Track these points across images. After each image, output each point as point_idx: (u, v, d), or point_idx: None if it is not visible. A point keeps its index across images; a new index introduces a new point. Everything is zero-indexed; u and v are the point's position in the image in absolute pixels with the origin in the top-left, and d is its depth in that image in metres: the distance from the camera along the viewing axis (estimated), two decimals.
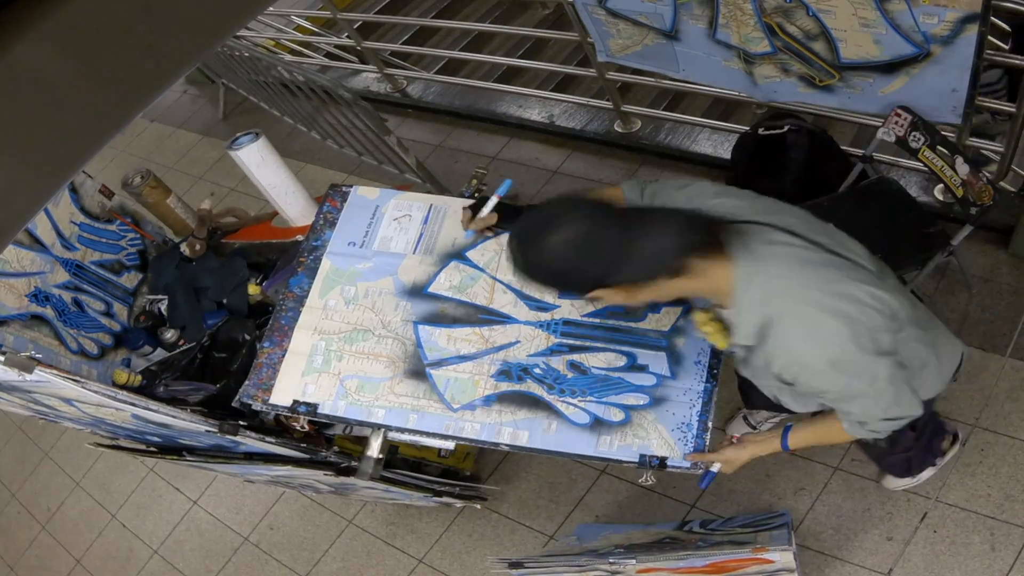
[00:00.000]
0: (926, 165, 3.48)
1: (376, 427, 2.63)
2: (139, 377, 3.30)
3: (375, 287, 2.82)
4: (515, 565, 3.03)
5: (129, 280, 3.84)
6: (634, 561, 2.83)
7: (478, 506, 3.88)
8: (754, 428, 3.62)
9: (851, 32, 3.24)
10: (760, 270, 2.01)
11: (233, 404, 2.79)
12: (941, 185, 3.80)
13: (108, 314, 3.71)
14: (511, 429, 2.55)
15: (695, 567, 2.87)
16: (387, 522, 4.15)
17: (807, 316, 1.98)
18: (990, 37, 3.19)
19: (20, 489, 5.23)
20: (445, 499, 3.64)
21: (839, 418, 2.23)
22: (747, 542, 2.98)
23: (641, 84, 5.10)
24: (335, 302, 2.80)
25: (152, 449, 3.20)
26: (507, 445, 2.54)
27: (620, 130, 5.14)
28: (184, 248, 3.80)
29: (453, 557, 3.92)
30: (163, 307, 3.79)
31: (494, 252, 2.84)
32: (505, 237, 2.87)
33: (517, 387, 2.60)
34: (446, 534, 3.99)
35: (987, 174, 3.33)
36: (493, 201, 2.65)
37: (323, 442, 3.21)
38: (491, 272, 2.80)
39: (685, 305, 2.67)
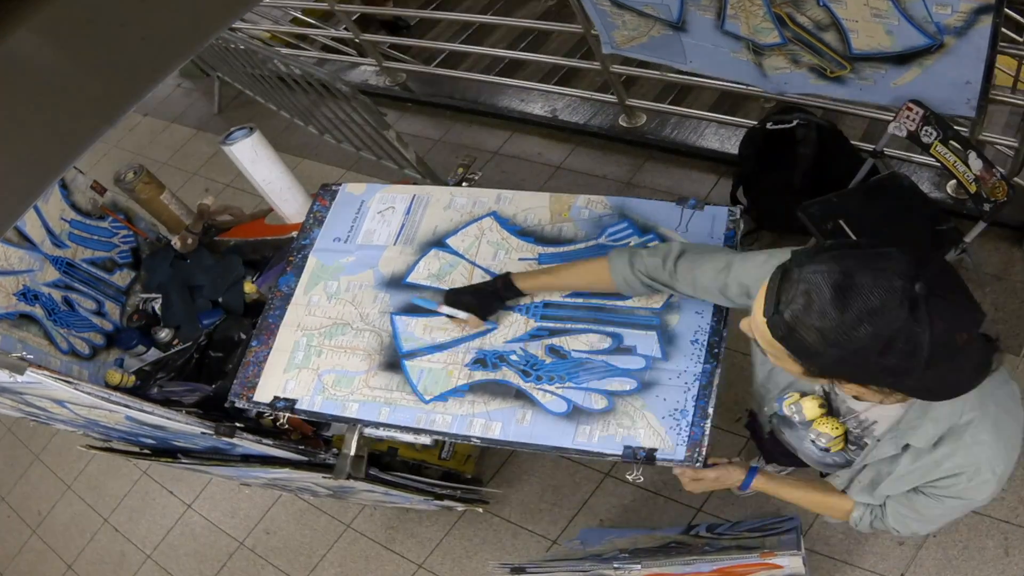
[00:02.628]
0: (938, 160, 3.48)
1: (350, 422, 2.59)
2: (132, 378, 3.30)
3: (356, 280, 2.82)
4: (517, 570, 3.02)
5: (122, 278, 3.84)
6: (639, 566, 2.82)
7: (480, 509, 3.88)
8: None
9: (863, 22, 3.23)
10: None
11: (227, 405, 2.79)
12: (954, 181, 3.80)
13: (100, 313, 3.71)
14: (483, 421, 2.44)
15: (702, 572, 2.87)
16: (386, 526, 4.15)
17: (1000, 421, 1.77)
18: (1004, 29, 3.19)
19: (10, 492, 5.23)
20: (447, 502, 3.64)
21: (862, 509, 2.13)
22: (755, 547, 2.97)
23: (646, 77, 5.10)
24: (318, 298, 2.81)
25: (146, 451, 3.20)
26: (478, 438, 2.42)
27: (625, 124, 5.14)
28: (175, 241, 3.79)
29: (454, 562, 3.92)
30: (157, 306, 3.78)
31: (474, 238, 2.83)
32: (486, 221, 2.86)
33: (492, 376, 2.51)
34: (446, 538, 3.99)
35: (1001, 170, 3.33)
36: (447, 311, 2.58)
37: (321, 444, 3.21)
38: (470, 258, 2.79)
39: None
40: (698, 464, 2.23)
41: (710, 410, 2.28)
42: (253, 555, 4.34)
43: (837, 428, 2.01)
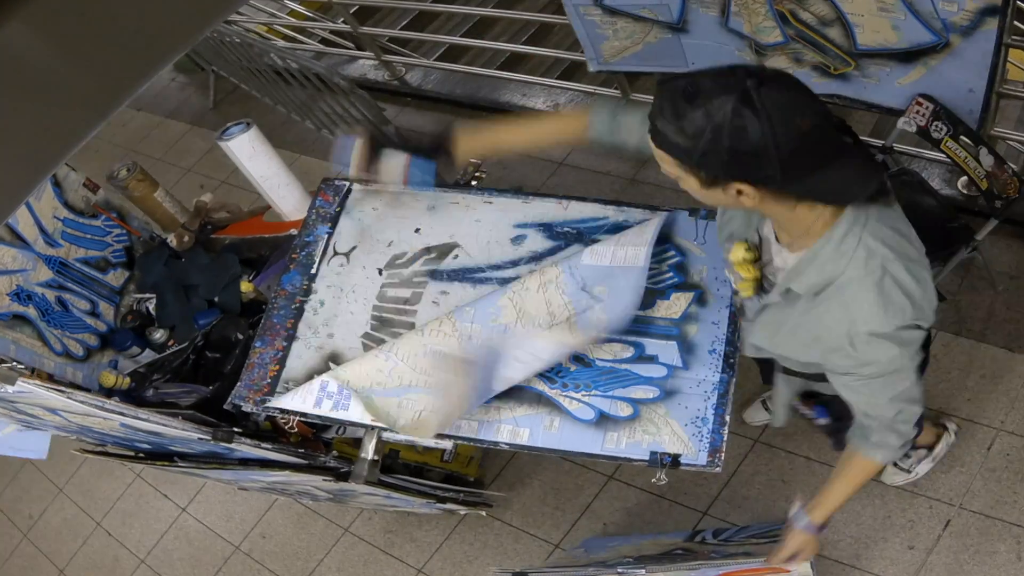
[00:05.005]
0: (949, 156, 3.48)
1: (369, 427, 2.62)
2: (127, 380, 3.30)
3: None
4: (519, 575, 3.03)
5: (115, 278, 3.84)
6: (643, 571, 2.83)
7: (483, 513, 3.88)
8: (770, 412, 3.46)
9: (868, 17, 3.24)
10: (869, 220, 1.93)
11: (225, 407, 2.79)
12: (965, 177, 3.80)
13: (94, 314, 3.71)
14: (510, 427, 2.50)
15: None
16: (385, 530, 4.15)
17: (886, 287, 1.91)
18: (1016, 23, 3.19)
19: (0, 496, 5.23)
20: (448, 506, 3.64)
21: (853, 441, 2.25)
22: (762, 553, 2.97)
23: (651, 72, 5.09)
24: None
25: (141, 455, 3.20)
26: (506, 444, 2.50)
27: None
28: (171, 239, 3.79)
29: (454, 567, 3.92)
30: (151, 306, 3.79)
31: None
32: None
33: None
34: (447, 543, 4.00)
35: (1013, 166, 3.33)
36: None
37: (321, 447, 3.21)
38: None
39: (697, 291, 2.65)
40: (718, 468, 2.38)
41: (727, 417, 2.44)
42: (249, 560, 4.34)
43: (751, 271, 2.16)
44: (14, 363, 3.27)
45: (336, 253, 2.91)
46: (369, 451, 2.66)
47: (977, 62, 3.14)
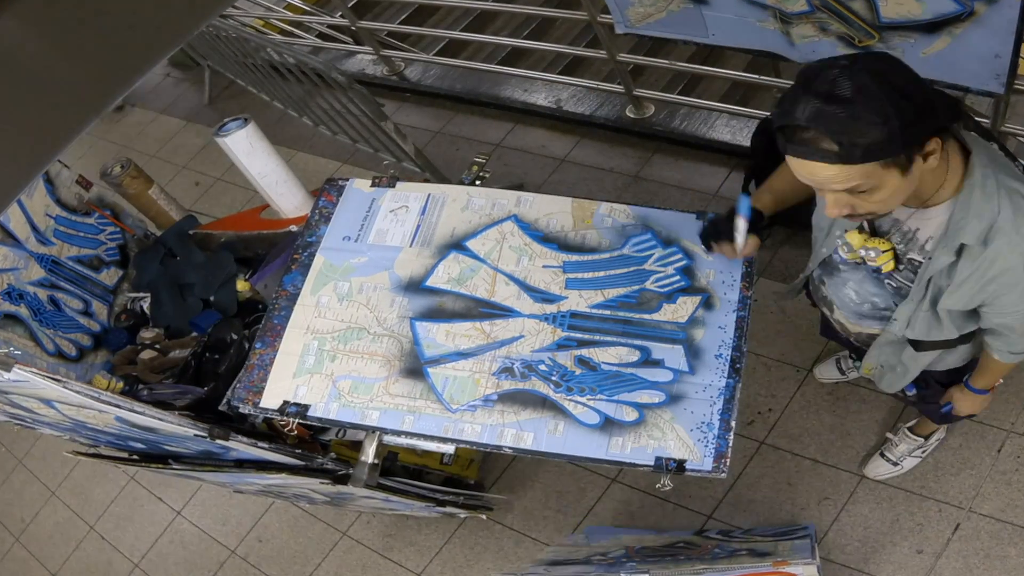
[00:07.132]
0: None
1: (370, 430, 2.63)
2: (120, 384, 3.30)
3: (370, 282, 2.83)
4: None
5: (109, 277, 3.85)
6: (647, 575, 2.83)
7: (484, 516, 3.88)
8: (843, 373, 3.81)
9: None
10: (993, 158, 2.05)
11: (220, 408, 2.79)
12: None
13: (87, 313, 3.72)
14: (514, 431, 2.52)
15: None
16: (384, 534, 4.16)
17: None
18: None
19: None
20: (448, 509, 3.65)
21: (992, 349, 2.40)
22: (768, 552, 2.98)
23: (655, 67, 5.10)
24: (328, 299, 2.82)
25: (135, 457, 3.20)
26: (510, 448, 2.51)
27: (632, 115, 5.14)
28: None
29: (454, 571, 3.93)
30: (145, 305, 3.79)
31: (495, 242, 2.85)
32: (507, 225, 2.89)
33: (521, 385, 2.58)
34: (446, 546, 4.00)
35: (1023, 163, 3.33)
36: (743, 225, 2.54)
37: (319, 448, 3.21)
38: (492, 263, 2.81)
39: (704, 295, 2.66)
40: (723, 474, 2.41)
41: (732, 423, 2.46)
42: (245, 564, 4.34)
43: (884, 243, 2.26)
44: (11, 349, 3.28)
45: None
46: (369, 454, 2.67)
47: (1003, 28, 3.14)
